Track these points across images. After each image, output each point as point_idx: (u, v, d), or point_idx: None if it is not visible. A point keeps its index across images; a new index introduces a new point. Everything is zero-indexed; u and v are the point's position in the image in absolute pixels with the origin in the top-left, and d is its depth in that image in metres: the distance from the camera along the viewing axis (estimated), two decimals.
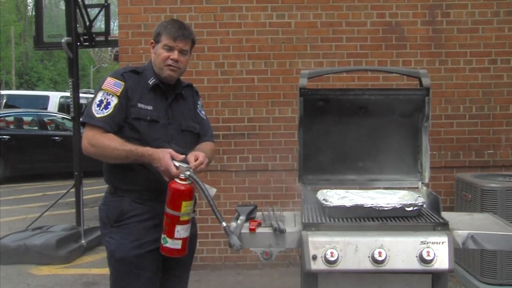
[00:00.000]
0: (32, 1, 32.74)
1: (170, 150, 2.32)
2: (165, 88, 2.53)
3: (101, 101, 2.39)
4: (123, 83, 2.43)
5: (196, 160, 2.36)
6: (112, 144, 2.32)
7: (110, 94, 2.40)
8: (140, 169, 2.38)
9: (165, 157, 2.28)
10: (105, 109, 2.37)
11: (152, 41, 2.54)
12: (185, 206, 2.25)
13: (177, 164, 2.26)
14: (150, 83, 2.48)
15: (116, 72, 2.54)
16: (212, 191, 2.30)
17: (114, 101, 2.39)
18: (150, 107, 2.44)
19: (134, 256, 2.39)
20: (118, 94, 2.40)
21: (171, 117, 2.51)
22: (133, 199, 2.43)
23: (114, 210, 2.44)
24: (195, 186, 2.26)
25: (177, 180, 2.25)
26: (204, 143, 2.62)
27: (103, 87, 2.42)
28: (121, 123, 2.40)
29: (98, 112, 2.37)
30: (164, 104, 2.51)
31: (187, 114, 2.60)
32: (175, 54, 2.47)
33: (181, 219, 2.25)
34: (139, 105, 2.43)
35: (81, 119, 2.48)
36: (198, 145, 2.57)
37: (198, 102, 2.70)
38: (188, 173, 2.24)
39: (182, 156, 2.32)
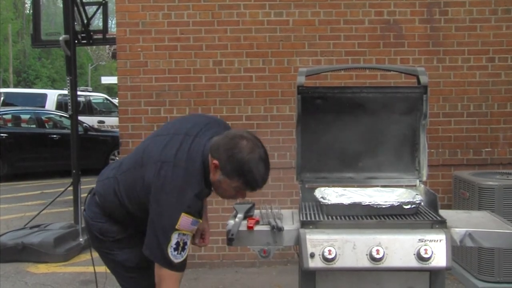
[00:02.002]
0: None
1: None
2: None
3: (177, 244, 2.09)
4: (200, 221, 2.18)
5: (202, 233, 2.52)
6: None
7: (186, 234, 2.12)
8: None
9: None
10: (183, 251, 2.12)
11: (217, 164, 2.12)
12: None
13: None
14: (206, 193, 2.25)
15: (191, 205, 2.10)
16: None
17: (189, 238, 2.15)
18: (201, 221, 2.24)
19: (146, 260, 2.30)
20: (194, 231, 2.20)
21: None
22: None
23: (110, 229, 2.34)
24: None
25: None
26: None
27: (179, 227, 2.07)
28: None
29: (177, 257, 2.11)
30: None
31: None
32: (243, 195, 2.24)
33: None
34: None
35: (155, 259, 2.14)
36: None
37: None
38: None
39: None
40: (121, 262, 2.36)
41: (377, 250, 2.13)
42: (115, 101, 14.32)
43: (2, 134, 11.03)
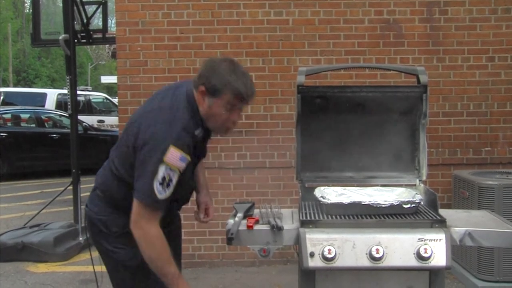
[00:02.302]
0: None
1: None
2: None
3: (163, 179, 2.07)
4: (189, 158, 2.13)
5: (206, 208, 2.56)
6: (164, 253, 2.13)
7: (173, 170, 2.08)
8: None
9: None
10: (168, 188, 2.09)
11: (204, 89, 2.14)
12: None
13: None
14: (198, 136, 2.19)
15: (180, 137, 2.09)
16: None
17: (176, 177, 2.10)
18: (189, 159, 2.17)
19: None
20: (182, 169, 2.12)
21: (197, 159, 2.32)
22: None
23: (115, 222, 2.33)
24: None
25: None
26: (202, 169, 2.58)
27: (166, 160, 2.05)
28: None
29: (161, 192, 2.08)
30: (196, 148, 2.25)
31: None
32: (237, 115, 2.21)
33: None
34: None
35: (137, 195, 2.12)
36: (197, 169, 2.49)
37: None
38: None
39: None
40: (122, 262, 2.35)
41: (377, 250, 2.13)
42: (115, 100, 14.32)
43: (1, 134, 11.02)
